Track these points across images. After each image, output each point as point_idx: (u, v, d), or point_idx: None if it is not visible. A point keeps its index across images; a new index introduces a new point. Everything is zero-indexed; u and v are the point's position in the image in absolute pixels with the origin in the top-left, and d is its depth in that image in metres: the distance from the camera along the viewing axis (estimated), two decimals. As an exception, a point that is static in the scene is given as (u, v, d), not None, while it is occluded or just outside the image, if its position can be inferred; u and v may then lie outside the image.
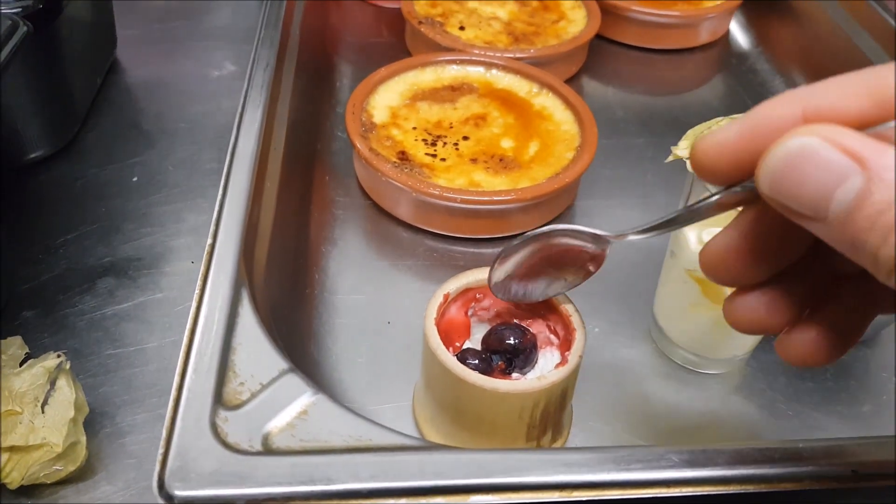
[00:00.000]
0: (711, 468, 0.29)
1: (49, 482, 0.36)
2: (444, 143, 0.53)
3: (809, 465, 0.29)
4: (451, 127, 0.55)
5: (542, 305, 0.36)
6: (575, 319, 0.35)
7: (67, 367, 0.36)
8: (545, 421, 0.35)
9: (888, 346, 0.45)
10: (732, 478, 0.29)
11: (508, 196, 0.48)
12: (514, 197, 0.48)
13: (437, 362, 0.33)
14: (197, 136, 0.57)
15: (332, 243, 0.50)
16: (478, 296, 0.37)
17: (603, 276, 0.34)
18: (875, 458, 0.30)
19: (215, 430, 0.29)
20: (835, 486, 0.29)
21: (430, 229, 0.51)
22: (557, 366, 0.34)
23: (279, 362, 0.32)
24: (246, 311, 0.34)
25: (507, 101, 0.57)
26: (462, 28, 0.65)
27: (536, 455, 0.30)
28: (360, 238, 0.51)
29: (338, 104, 0.61)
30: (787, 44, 0.70)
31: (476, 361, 0.34)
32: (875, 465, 0.29)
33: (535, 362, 0.35)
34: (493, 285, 0.34)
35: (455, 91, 0.58)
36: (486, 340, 0.36)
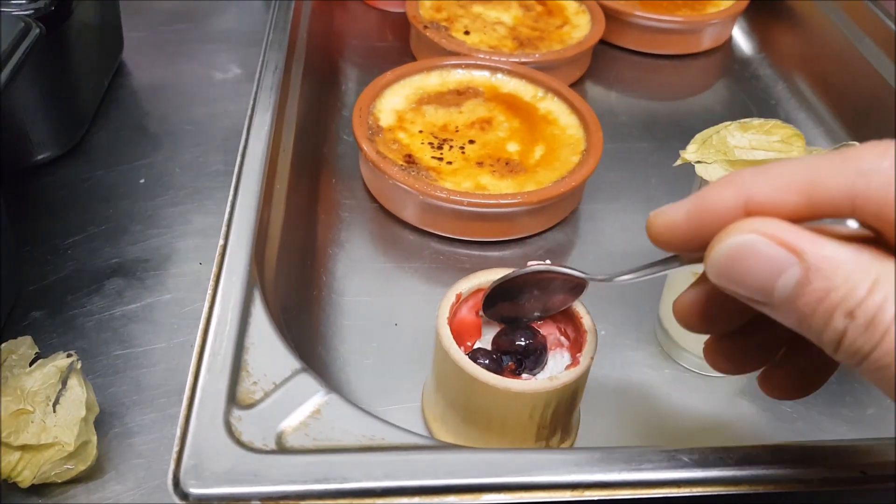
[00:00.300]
0: (722, 468, 0.29)
1: (60, 481, 0.36)
2: (451, 147, 0.53)
3: (819, 466, 0.29)
4: (457, 131, 0.55)
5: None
6: (586, 321, 0.35)
7: (79, 366, 0.36)
8: (555, 421, 0.35)
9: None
10: (743, 478, 0.29)
11: (514, 199, 0.48)
12: (520, 200, 0.48)
13: (449, 361, 0.34)
14: (203, 139, 0.57)
15: (339, 245, 0.50)
16: None
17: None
18: (884, 460, 0.30)
19: (229, 429, 0.29)
20: (844, 487, 0.29)
21: (436, 232, 0.51)
22: (568, 367, 0.34)
23: (292, 362, 0.32)
24: (258, 311, 0.34)
25: (512, 105, 0.58)
26: (467, 32, 0.65)
27: (548, 455, 0.30)
28: (366, 240, 0.51)
29: (344, 107, 0.62)
30: (789, 49, 0.71)
31: (487, 361, 0.34)
32: (884, 466, 0.30)
33: (545, 364, 0.36)
34: (485, 313, 0.36)
35: (461, 95, 0.58)
36: (496, 341, 0.36)
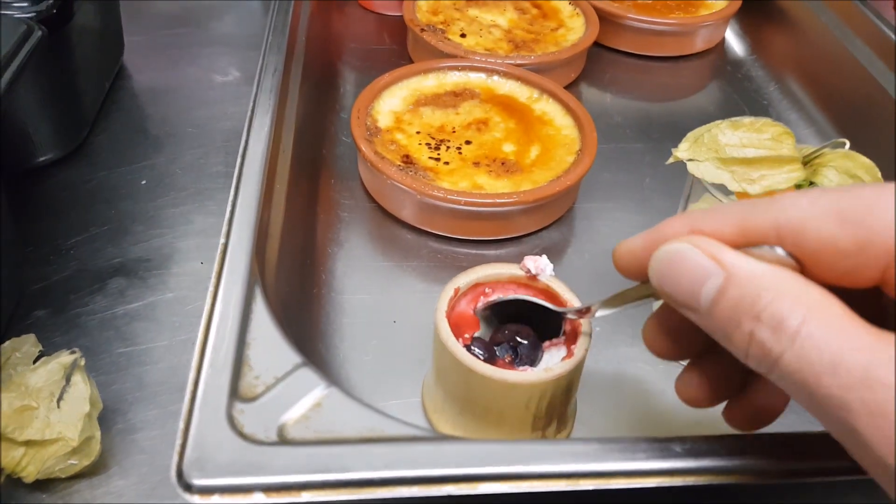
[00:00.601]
0: (715, 458, 0.30)
1: (64, 476, 0.36)
2: (448, 148, 0.54)
3: (811, 457, 0.30)
4: (454, 131, 0.56)
5: (547, 300, 0.37)
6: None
7: (82, 363, 0.37)
8: (551, 412, 0.36)
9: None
10: (735, 468, 0.30)
11: (511, 198, 0.49)
12: (517, 199, 0.49)
13: (447, 353, 0.34)
14: (203, 141, 0.58)
15: (338, 245, 0.50)
16: (486, 290, 0.38)
17: (603, 275, 0.35)
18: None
19: (232, 422, 0.30)
20: (835, 477, 0.30)
21: (434, 231, 0.52)
22: (564, 359, 0.35)
23: (293, 357, 0.33)
24: (259, 307, 0.35)
25: (508, 106, 0.58)
26: (463, 35, 0.66)
27: (544, 445, 0.30)
28: (365, 240, 0.51)
29: (342, 109, 0.62)
30: (781, 51, 0.72)
31: (482, 352, 0.35)
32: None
33: (542, 357, 0.36)
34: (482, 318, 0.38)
35: (457, 97, 0.59)
36: (493, 336, 0.37)
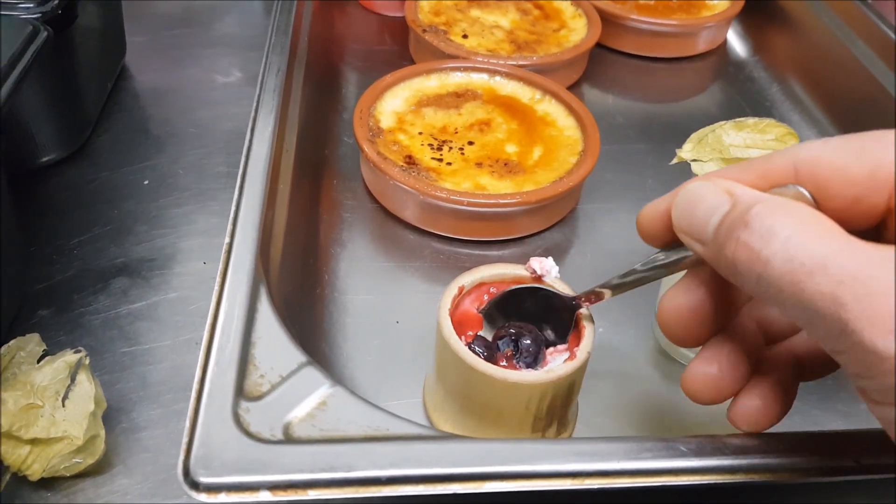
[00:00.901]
0: (719, 458, 0.30)
1: (68, 475, 0.36)
2: (450, 148, 0.54)
3: (814, 455, 0.30)
4: (457, 132, 0.56)
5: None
6: (584, 317, 0.36)
7: (87, 362, 0.37)
8: (551, 414, 0.36)
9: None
10: (739, 467, 0.30)
11: (513, 199, 0.49)
12: (519, 200, 0.49)
13: (448, 351, 0.34)
14: (206, 141, 0.58)
15: (341, 245, 0.50)
16: (491, 290, 0.38)
17: (606, 275, 0.35)
18: (877, 450, 0.31)
19: (238, 420, 0.30)
20: (838, 475, 0.30)
21: (436, 232, 0.52)
22: (566, 361, 0.35)
23: (297, 356, 0.33)
24: (264, 307, 0.35)
25: (510, 107, 0.58)
26: (465, 36, 0.66)
27: (548, 444, 0.31)
28: (367, 240, 0.51)
29: (344, 110, 0.62)
30: (783, 52, 0.72)
31: (483, 350, 0.35)
32: (877, 455, 0.30)
33: (543, 359, 0.36)
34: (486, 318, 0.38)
35: (459, 97, 0.59)
36: (497, 332, 0.37)
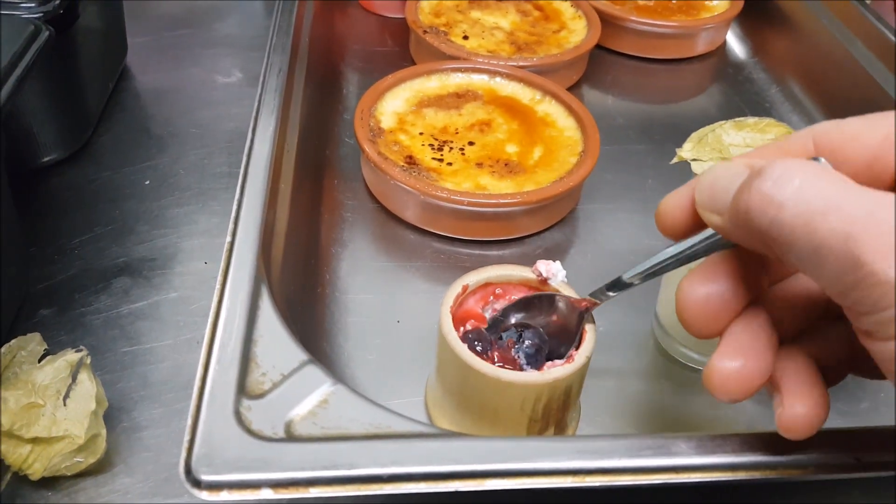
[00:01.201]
0: (720, 455, 0.30)
1: (69, 474, 0.36)
2: (451, 149, 0.54)
3: (814, 453, 0.30)
4: (457, 132, 0.56)
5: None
6: (586, 321, 0.36)
7: (88, 361, 0.37)
8: (547, 416, 0.36)
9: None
10: (740, 465, 0.30)
11: (514, 199, 0.49)
12: (520, 200, 0.49)
13: (447, 347, 0.34)
14: (207, 141, 0.58)
15: (342, 245, 0.51)
16: (497, 291, 0.37)
17: (606, 275, 0.35)
18: (878, 447, 0.31)
19: (239, 419, 0.30)
20: (838, 473, 0.30)
21: (437, 232, 0.52)
22: (564, 363, 0.35)
23: (299, 354, 0.33)
24: (266, 305, 0.35)
25: (511, 107, 0.58)
26: (466, 37, 0.66)
27: (549, 442, 0.31)
28: (368, 240, 0.52)
29: (345, 111, 0.62)
30: (782, 54, 0.72)
31: (480, 344, 0.35)
32: (878, 453, 0.30)
33: (544, 361, 0.36)
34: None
35: (460, 98, 0.59)
36: (502, 326, 0.37)
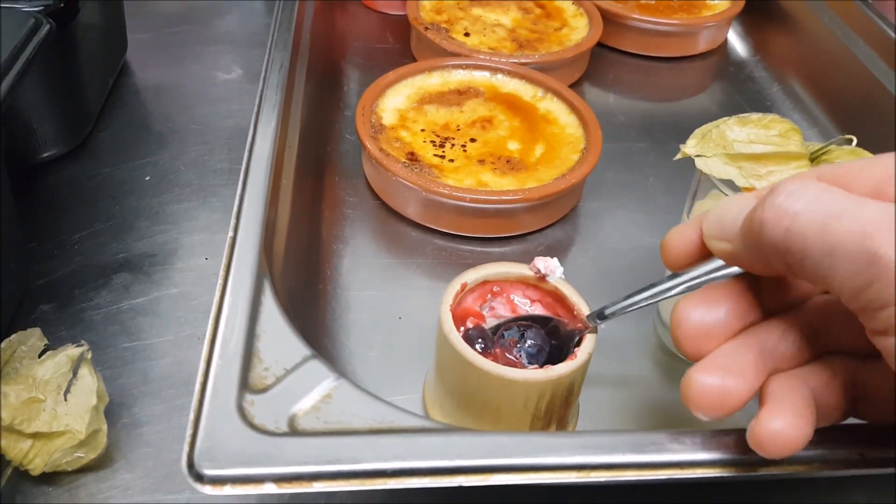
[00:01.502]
0: (723, 451, 0.30)
1: (70, 469, 0.36)
2: (452, 145, 0.54)
3: (819, 449, 0.30)
4: (459, 129, 0.56)
5: (554, 303, 0.37)
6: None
7: (89, 356, 0.37)
8: (549, 413, 0.36)
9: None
10: (744, 461, 0.30)
11: (516, 196, 0.49)
12: (522, 197, 0.49)
13: (448, 346, 0.34)
14: (207, 137, 0.58)
15: (343, 241, 0.50)
16: (495, 288, 0.37)
17: (607, 273, 0.35)
18: (882, 444, 0.31)
19: (242, 413, 0.30)
20: (842, 469, 0.30)
21: (439, 228, 0.52)
22: (567, 360, 0.35)
23: (302, 349, 0.33)
24: (268, 300, 0.34)
25: (512, 104, 0.58)
26: (467, 34, 0.66)
27: (554, 438, 0.30)
28: (369, 237, 0.51)
29: (346, 107, 0.62)
30: (784, 52, 0.72)
31: (481, 342, 0.35)
32: (882, 450, 0.30)
33: (545, 360, 0.36)
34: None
35: (461, 95, 0.59)
36: (505, 323, 0.36)
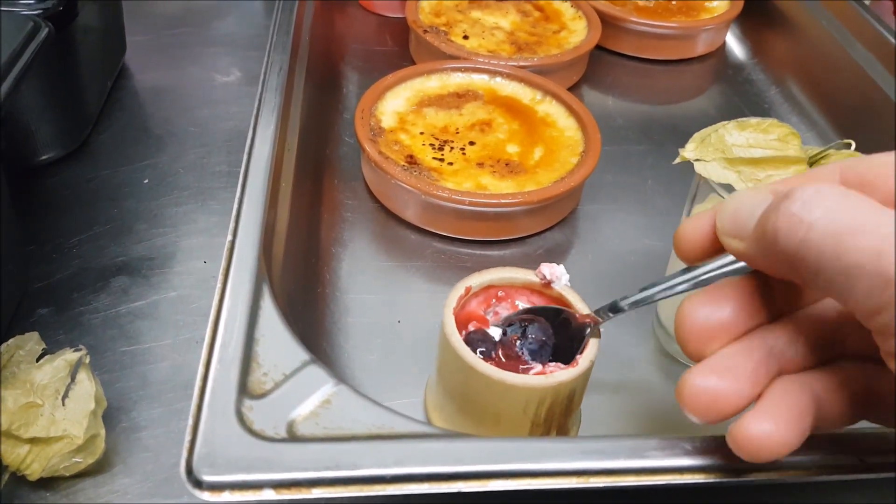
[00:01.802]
0: (724, 457, 0.30)
1: (68, 475, 0.36)
2: (451, 148, 0.54)
3: (818, 453, 0.30)
4: (458, 132, 0.56)
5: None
6: (591, 334, 0.36)
7: (87, 360, 0.37)
8: (549, 420, 0.35)
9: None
10: (744, 466, 0.30)
11: (515, 199, 0.49)
12: (521, 200, 0.49)
13: (449, 349, 0.34)
14: (206, 140, 0.58)
15: (342, 245, 0.50)
16: (500, 293, 0.37)
17: (607, 275, 0.35)
18: (882, 449, 0.31)
19: (241, 418, 0.30)
20: (842, 474, 0.30)
21: (438, 231, 0.51)
22: (568, 367, 0.35)
23: (301, 354, 0.33)
24: (267, 304, 0.34)
25: (511, 107, 0.58)
26: (466, 37, 0.66)
27: (553, 443, 0.30)
28: (368, 240, 0.51)
29: (345, 110, 0.62)
30: (782, 55, 0.72)
31: (484, 345, 0.35)
32: (882, 454, 0.30)
33: (548, 357, 0.36)
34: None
35: (460, 98, 0.59)
36: (507, 317, 0.36)
